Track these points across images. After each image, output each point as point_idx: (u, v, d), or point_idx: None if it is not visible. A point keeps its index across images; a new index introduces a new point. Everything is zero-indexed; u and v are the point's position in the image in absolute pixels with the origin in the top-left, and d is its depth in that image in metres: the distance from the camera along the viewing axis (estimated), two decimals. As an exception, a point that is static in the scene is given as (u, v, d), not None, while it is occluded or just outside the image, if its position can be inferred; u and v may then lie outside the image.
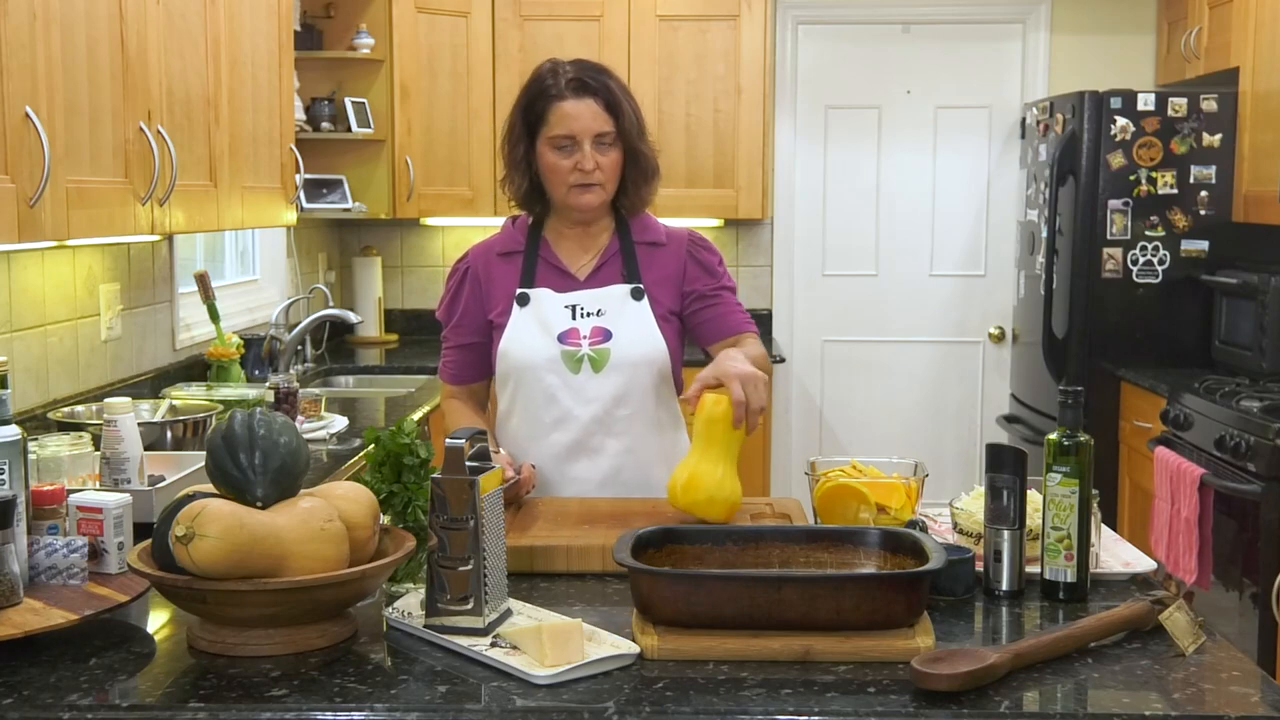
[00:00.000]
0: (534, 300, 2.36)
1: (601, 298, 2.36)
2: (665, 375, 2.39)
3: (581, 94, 2.32)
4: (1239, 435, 3.54)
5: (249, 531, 1.52)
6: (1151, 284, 4.53)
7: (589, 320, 2.34)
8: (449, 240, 5.44)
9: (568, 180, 2.33)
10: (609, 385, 2.33)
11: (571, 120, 2.31)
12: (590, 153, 2.31)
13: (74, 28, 2.34)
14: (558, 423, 2.35)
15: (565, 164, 2.32)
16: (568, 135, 2.31)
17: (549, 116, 2.32)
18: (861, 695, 1.43)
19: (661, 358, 2.36)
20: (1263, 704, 1.43)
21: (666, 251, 2.42)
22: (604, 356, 2.33)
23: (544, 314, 2.35)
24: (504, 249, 2.43)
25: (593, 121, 2.31)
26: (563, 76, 2.34)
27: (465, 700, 1.42)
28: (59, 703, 1.41)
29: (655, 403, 2.38)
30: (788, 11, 5.37)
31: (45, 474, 2.14)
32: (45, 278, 2.93)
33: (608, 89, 2.34)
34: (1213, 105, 4.44)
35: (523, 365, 2.35)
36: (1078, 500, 1.76)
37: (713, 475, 2.04)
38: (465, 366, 2.46)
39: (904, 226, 5.49)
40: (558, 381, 2.33)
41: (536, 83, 2.37)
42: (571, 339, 2.34)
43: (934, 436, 5.52)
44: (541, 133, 2.34)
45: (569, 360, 2.33)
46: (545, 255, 2.41)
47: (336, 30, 4.73)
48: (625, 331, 2.34)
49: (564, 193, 2.34)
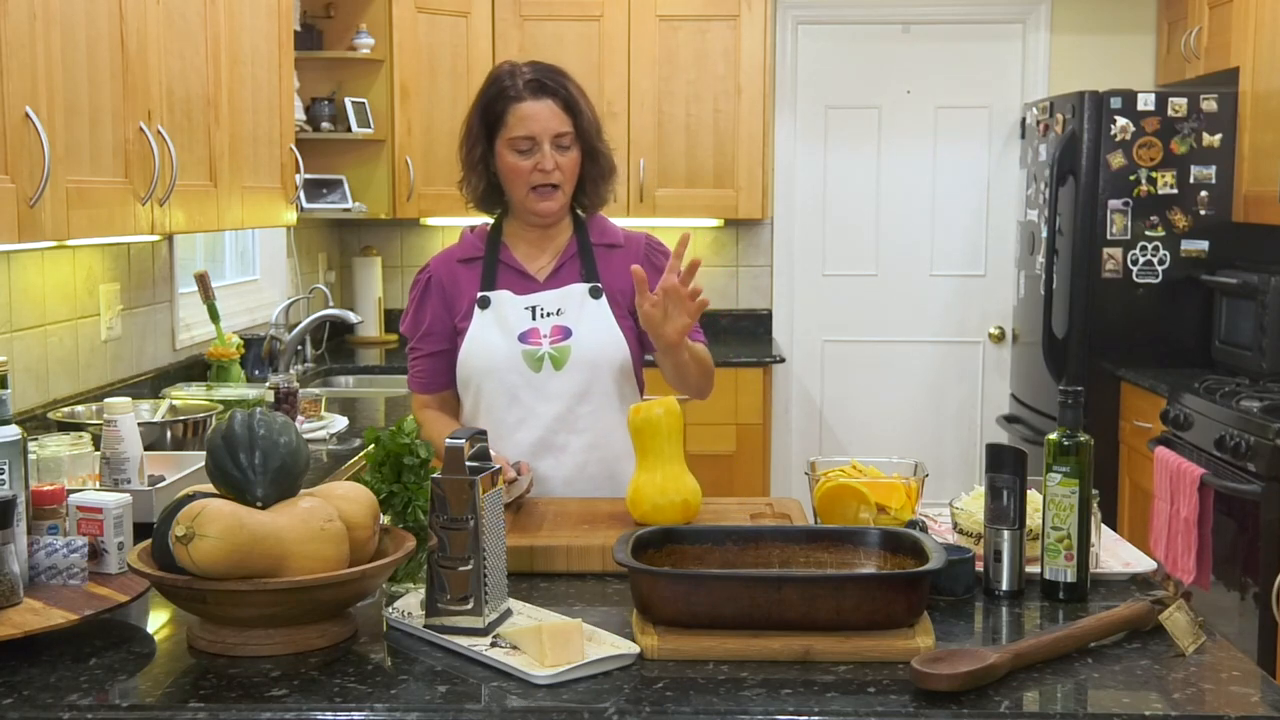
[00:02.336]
0: (494, 303, 2.38)
1: (561, 297, 2.39)
2: (627, 372, 2.42)
3: (540, 95, 2.34)
4: (1239, 435, 3.54)
5: (249, 531, 1.52)
6: (1151, 284, 4.52)
7: (549, 320, 2.37)
8: (449, 240, 5.38)
9: (528, 181, 2.35)
10: (570, 383, 2.36)
11: (531, 121, 2.33)
12: (550, 153, 2.33)
13: (74, 28, 2.34)
14: (521, 422, 2.37)
15: (525, 165, 2.34)
16: (527, 136, 2.33)
17: (508, 118, 2.34)
18: (861, 695, 1.43)
19: (622, 355, 2.39)
20: (1263, 704, 1.43)
21: (624, 253, 2.44)
22: (564, 354, 2.35)
23: (504, 315, 2.37)
24: (464, 256, 2.46)
25: (551, 121, 2.33)
26: (520, 78, 2.36)
27: (465, 700, 1.42)
28: (59, 703, 1.41)
29: (618, 399, 2.40)
30: (788, 11, 5.37)
31: (45, 474, 2.14)
32: (45, 278, 2.93)
33: (565, 89, 2.36)
34: (1213, 105, 4.44)
35: (485, 367, 2.37)
36: (1078, 500, 1.76)
37: (652, 483, 2.08)
38: (437, 374, 2.47)
39: (904, 226, 5.49)
40: (519, 381, 2.36)
41: (494, 84, 2.38)
42: (532, 338, 2.36)
43: (934, 436, 5.52)
44: (500, 134, 2.36)
45: (530, 359, 2.35)
46: (504, 259, 2.43)
47: (336, 30, 4.73)
48: (585, 329, 2.37)
49: (524, 194, 2.37)
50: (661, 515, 2.05)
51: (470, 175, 2.43)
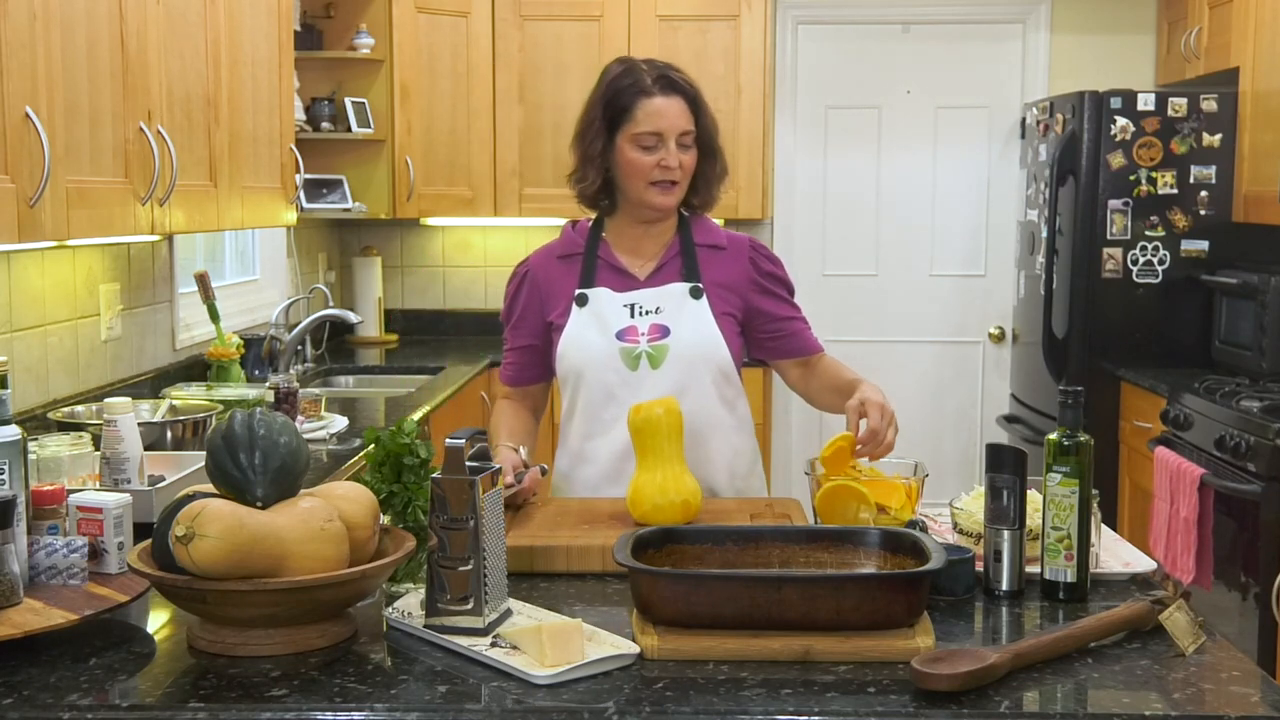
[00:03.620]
0: (592, 300, 2.37)
1: (660, 296, 2.37)
2: (727, 373, 2.40)
3: (669, 92, 2.34)
4: (1239, 435, 3.54)
5: (249, 531, 1.52)
6: (1151, 284, 4.53)
7: (647, 318, 2.35)
8: (449, 240, 5.45)
9: (649, 176, 2.33)
10: (667, 381, 2.33)
11: (659, 117, 2.32)
12: (674, 150, 2.32)
13: (74, 28, 2.34)
14: (616, 420, 2.33)
15: (648, 160, 2.33)
16: (654, 132, 2.32)
17: (636, 113, 2.33)
18: (861, 695, 1.43)
19: (720, 355, 2.37)
20: (1263, 704, 1.43)
21: (727, 255, 2.43)
22: (661, 353, 2.34)
23: (602, 313, 2.36)
24: (564, 252, 2.44)
25: (679, 119, 2.33)
26: (648, 74, 2.35)
27: (465, 700, 1.42)
28: (59, 703, 1.40)
29: (717, 399, 2.39)
30: (788, 11, 5.37)
31: (45, 474, 2.14)
32: (45, 278, 2.93)
33: (693, 88, 2.37)
34: (1213, 105, 4.44)
35: (581, 364, 2.36)
36: (1078, 500, 1.76)
37: (652, 483, 2.08)
38: (522, 368, 2.48)
39: (904, 226, 5.49)
40: (616, 379, 2.33)
41: (622, 77, 2.36)
42: (630, 336, 2.34)
43: (934, 436, 5.52)
44: (625, 128, 2.34)
45: (626, 357, 2.34)
46: (604, 256, 2.42)
47: (336, 30, 4.73)
48: (684, 328, 2.35)
49: (642, 189, 2.35)
50: (661, 515, 2.05)
51: (587, 169, 2.39)
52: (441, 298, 5.49)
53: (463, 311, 5.47)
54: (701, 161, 2.39)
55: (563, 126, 4.99)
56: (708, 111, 2.39)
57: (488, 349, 4.89)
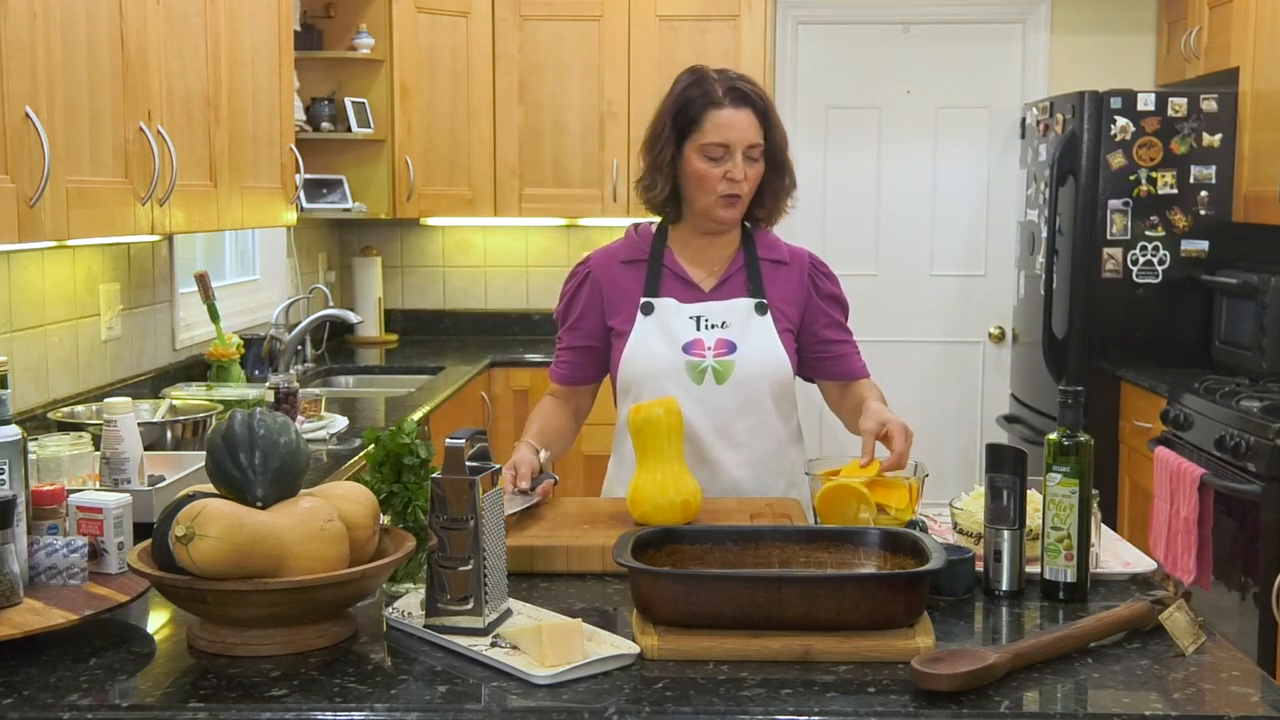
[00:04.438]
0: (658, 309, 2.36)
1: (726, 310, 2.36)
2: (787, 390, 2.39)
3: (740, 104, 2.31)
4: (1239, 435, 3.54)
5: (249, 531, 1.52)
6: (1151, 284, 4.52)
7: (714, 332, 2.34)
8: (449, 240, 5.44)
9: (715, 189, 2.32)
10: (731, 397, 2.33)
11: (727, 129, 2.30)
12: (741, 163, 2.30)
13: (74, 28, 2.34)
14: None
15: (715, 172, 2.31)
16: (722, 143, 2.30)
17: (704, 123, 2.31)
18: (861, 695, 1.43)
19: (784, 373, 2.37)
20: (1263, 704, 1.43)
21: (789, 270, 2.43)
22: (728, 369, 2.33)
23: (668, 323, 2.35)
24: (628, 256, 2.43)
25: (747, 131, 2.31)
26: (720, 84, 2.32)
27: (465, 700, 1.42)
28: (59, 703, 1.40)
29: (776, 416, 2.38)
30: (788, 11, 5.37)
31: (45, 474, 2.14)
32: (45, 278, 2.93)
33: (763, 100, 2.34)
34: (1213, 105, 4.44)
35: (646, 374, 2.35)
36: (1078, 500, 1.76)
37: (652, 483, 2.08)
38: (575, 368, 2.46)
39: (904, 226, 5.49)
40: (679, 391, 2.30)
41: (693, 87, 2.34)
42: (696, 350, 2.33)
43: (934, 436, 5.51)
44: (693, 138, 2.32)
45: (692, 371, 2.33)
46: (670, 264, 2.40)
47: (336, 30, 4.73)
48: (750, 345, 2.34)
49: (709, 201, 2.33)
50: (661, 515, 2.04)
51: (656, 177, 2.37)
52: (441, 298, 5.49)
53: (463, 311, 5.47)
54: (769, 174, 2.37)
55: (563, 126, 5.02)
56: (778, 124, 2.36)
57: (488, 349, 4.89)
